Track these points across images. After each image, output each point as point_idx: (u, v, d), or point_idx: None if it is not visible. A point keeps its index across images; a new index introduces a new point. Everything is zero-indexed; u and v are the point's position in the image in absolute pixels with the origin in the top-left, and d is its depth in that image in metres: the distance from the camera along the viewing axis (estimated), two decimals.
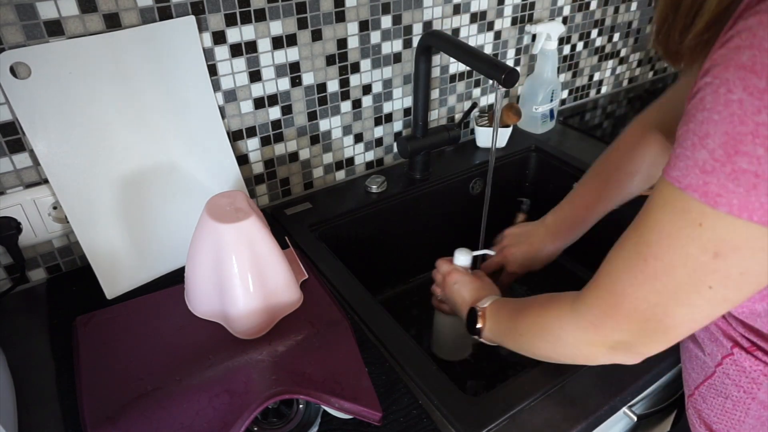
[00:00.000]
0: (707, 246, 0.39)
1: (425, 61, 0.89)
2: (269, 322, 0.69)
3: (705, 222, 0.38)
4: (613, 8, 1.26)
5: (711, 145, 0.36)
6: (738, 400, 0.56)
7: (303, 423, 0.59)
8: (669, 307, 0.43)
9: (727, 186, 0.36)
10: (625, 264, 0.45)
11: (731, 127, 0.35)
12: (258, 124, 0.89)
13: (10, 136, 0.70)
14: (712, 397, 0.58)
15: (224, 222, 0.64)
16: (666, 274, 0.42)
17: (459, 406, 0.61)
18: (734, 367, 0.55)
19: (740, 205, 0.36)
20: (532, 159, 1.15)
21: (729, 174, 0.36)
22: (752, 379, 0.53)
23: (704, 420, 0.60)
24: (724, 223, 0.37)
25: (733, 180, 0.36)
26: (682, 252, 0.40)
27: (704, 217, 0.38)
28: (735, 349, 0.54)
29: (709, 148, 0.36)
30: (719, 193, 0.36)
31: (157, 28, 0.73)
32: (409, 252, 1.06)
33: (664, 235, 0.41)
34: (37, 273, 0.80)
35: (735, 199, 0.36)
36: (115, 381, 0.62)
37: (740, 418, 0.56)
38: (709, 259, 0.39)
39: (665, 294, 0.43)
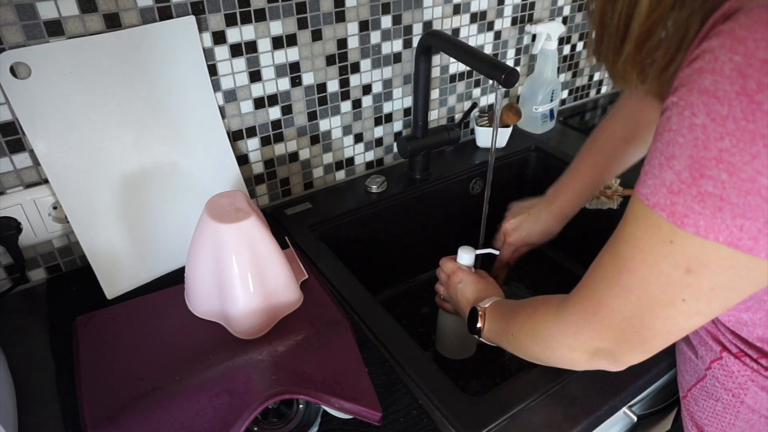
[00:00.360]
0: (679, 262, 0.39)
1: (425, 61, 0.89)
2: (269, 322, 0.69)
3: (675, 240, 0.38)
4: None
5: (677, 167, 0.36)
6: (728, 403, 0.56)
7: (303, 423, 0.59)
8: (645, 319, 0.44)
9: (694, 207, 0.36)
10: (603, 275, 0.46)
11: (695, 152, 0.35)
12: (258, 124, 0.89)
13: (10, 136, 0.70)
14: (704, 400, 0.59)
15: (224, 222, 0.64)
16: (640, 288, 0.42)
17: (459, 406, 0.61)
18: (723, 371, 0.55)
19: (706, 227, 0.36)
20: (532, 159, 1.15)
21: (695, 196, 0.36)
22: (739, 383, 0.54)
23: (696, 422, 0.61)
24: (693, 243, 0.37)
25: (699, 202, 0.36)
26: (654, 267, 0.41)
27: (674, 235, 0.38)
28: (724, 353, 0.54)
29: (675, 169, 0.37)
30: (686, 213, 0.37)
31: (157, 28, 0.73)
32: (409, 252, 1.06)
33: (637, 250, 0.42)
34: (37, 273, 0.80)
35: (701, 220, 0.36)
36: (115, 381, 0.62)
37: (730, 420, 0.56)
38: (681, 274, 0.39)
39: (640, 306, 0.43)
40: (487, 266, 0.88)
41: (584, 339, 0.49)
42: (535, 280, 1.09)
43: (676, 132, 0.36)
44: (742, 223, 0.35)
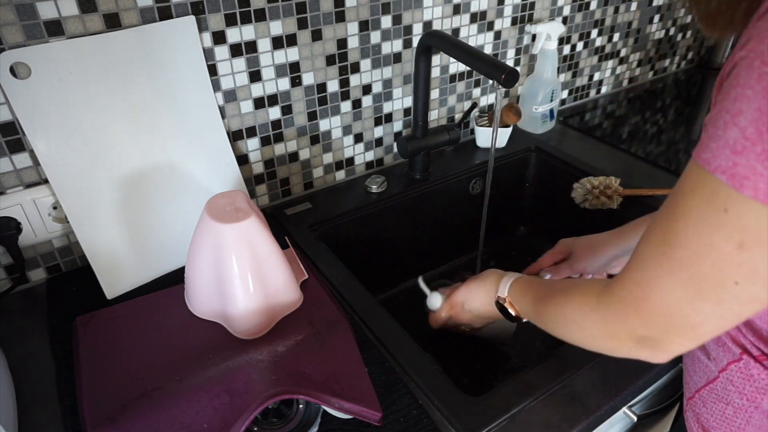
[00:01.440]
0: (732, 235, 0.36)
1: (425, 61, 0.89)
2: (269, 322, 0.69)
3: (730, 208, 0.36)
4: (613, 8, 1.26)
5: (743, 122, 0.34)
6: (739, 407, 0.55)
7: (303, 423, 0.59)
8: (695, 302, 0.41)
9: (756, 168, 0.33)
10: (652, 252, 0.42)
11: (765, 103, 0.33)
12: (258, 124, 0.89)
13: (10, 136, 0.70)
14: (713, 402, 0.58)
15: (224, 222, 0.64)
16: (691, 264, 0.39)
17: (459, 406, 0.61)
18: (740, 374, 0.54)
19: (766, 190, 0.33)
20: (532, 159, 1.15)
21: (759, 154, 0.33)
22: (758, 387, 0.53)
23: (702, 424, 0.60)
24: (749, 210, 0.35)
25: (763, 161, 0.33)
26: (707, 241, 0.38)
27: (730, 202, 0.35)
28: (744, 355, 0.53)
29: (741, 125, 0.34)
30: (746, 175, 0.34)
31: (157, 28, 0.73)
32: (409, 252, 1.06)
33: (690, 221, 0.39)
34: (37, 273, 0.80)
35: (762, 182, 0.33)
36: (115, 381, 0.62)
37: (740, 425, 0.55)
38: (734, 249, 0.36)
39: (691, 286, 0.40)
40: None
41: (631, 326, 0.46)
42: None
43: (744, 86, 0.34)
44: None
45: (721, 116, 0.36)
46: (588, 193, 0.97)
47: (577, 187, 0.98)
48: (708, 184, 0.37)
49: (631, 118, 1.29)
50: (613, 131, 1.22)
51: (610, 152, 1.13)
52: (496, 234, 1.14)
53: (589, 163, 1.07)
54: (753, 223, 0.35)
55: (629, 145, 1.16)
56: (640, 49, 1.40)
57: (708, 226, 0.37)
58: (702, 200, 0.38)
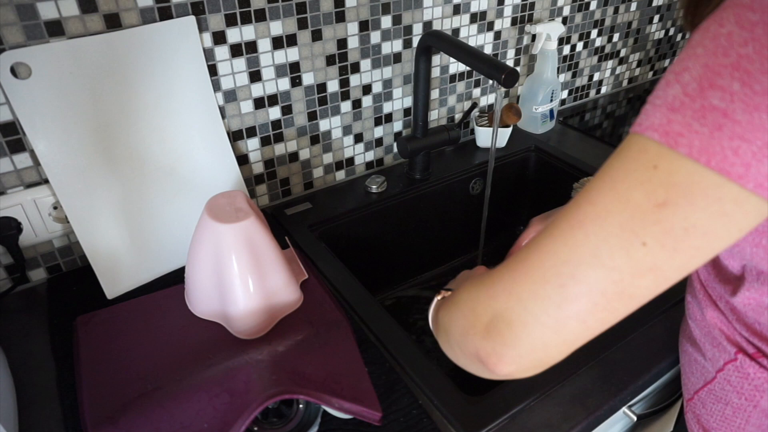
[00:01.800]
0: (656, 191, 0.34)
1: (425, 61, 0.89)
2: (269, 322, 0.69)
3: (661, 164, 0.34)
4: (613, 8, 1.26)
5: (686, 78, 0.33)
6: (738, 407, 0.55)
7: (303, 423, 0.59)
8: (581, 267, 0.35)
9: (692, 125, 0.33)
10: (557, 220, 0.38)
11: (712, 59, 0.32)
12: (258, 124, 0.89)
13: (11, 136, 0.70)
14: (712, 403, 0.58)
15: (224, 222, 0.64)
16: (595, 221, 0.35)
17: (459, 406, 0.61)
18: (737, 373, 0.54)
19: (701, 147, 0.32)
20: (532, 159, 1.15)
21: (697, 110, 0.33)
22: (755, 386, 0.53)
23: (703, 425, 0.60)
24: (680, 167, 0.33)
25: (699, 118, 0.32)
26: (623, 196, 0.35)
27: (661, 158, 0.34)
28: (739, 354, 0.53)
29: (684, 81, 0.33)
30: (681, 132, 0.33)
31: (158, 29, 0.73)
32: (409, 252, 1.06)
33: (607, 179, 0.36)
34: (38, 273, 0.80)
35: (697, 140, 0.32)
36: (115, 381, 0.62)
37: (740, 425, 0.55)
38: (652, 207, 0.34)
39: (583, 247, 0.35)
40: None
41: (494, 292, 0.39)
42: None
43: (695, 45, 0.34)
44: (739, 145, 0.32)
45: (664, 78, 0.35)
46: None
47: (577, 187, 0.98)
48: (637, 143, 0.35)
49: (631, 118, 1.29)
50: (613, 131, 1.22)
51: (610, 152, 1.12)
52: (496, 234, 1.14)
53: (589, 163, 1.07)
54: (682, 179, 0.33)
55: None
56: (639, 49, 1.40)
57: (628, 181, 0.35)
58: (627, 159, 0.35)
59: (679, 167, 0.33)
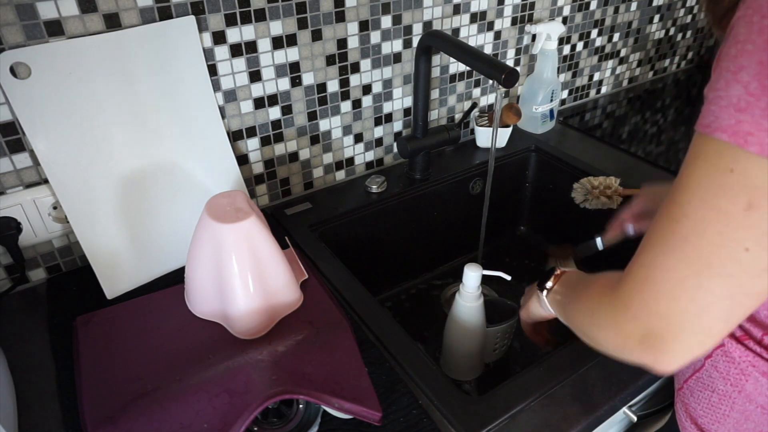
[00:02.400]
0: (739, 195, 0.34)
1: (425, 61, 0.89)
2: (269, 322, 0.69)
3: (736, 167, 0.34)
4: (613, 8, 1.26)
5: (745, 78, 0.33)
6: (724, 393, 0.56)
7: (303, 423, 0.59)
8: (702, 279, 0.37)
9: (761, 123, 0.32)
10: (658, 232, 0.40)
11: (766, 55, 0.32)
12: (258, 124, 0.89)
13: (10, 136, 0.70)
14: (699, 391, 0.58)
15: (224, 222, 0.64)
16: (695, 234, 0.36)
17: (459, 406, 0.61)
18: (724, 358, 0.55)
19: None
20: (532, 159, 1.15)
21: (764, 109, 0.32)
22: (741, 369, 0.53)
23: (690, 414, 0.60)
24: (756, 167, 0.33)
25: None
26: (712, 205, 0.35)
27: (736, 161, 0.34)
28: (726, 338, 0.54)
29: (744, 81, 0.33)
30: (750, 131, 0.33)
31: (157, 28, 0.73)
32: (409, 252, 1.06)
33: (693, 189, 0.36)
34: (37, 273, 0.80)
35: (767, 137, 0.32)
36: (115, 381, 0.62)
37: (725, 411, 0.56)
38: (741, 211, 0.34)
39: (697, 261, 0.37)
40: None
41: (634, 315, 0.42)
42: None
43: (744, 41, 0.33)
44: None
45: (722, 76, 0.35)
46: (588, 193, 0.96)
47: (577, 187, 0.98)
48: (711, 147, 0.35)
49: (631, 118, 1.29)
50: (613, 131, 1.22)
51: (610, 152, 1.13)
52: (496, 234, 1.14)
53: (589, 163, 1.07)
54: (761, 180, 0.33)
55: (629, 145, 1.16)
56: (640, 49, 1.40)
57: (713, 189, 0.35)
58: (705, 164, 0.36)
59: (755, 168, 0.33)
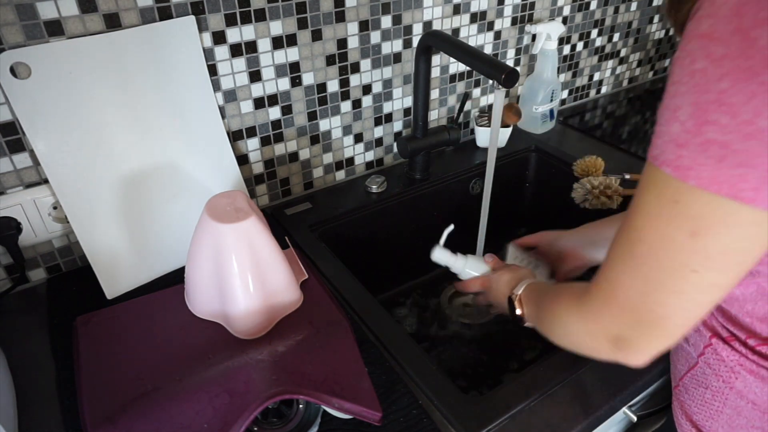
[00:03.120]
0: (683, 224, 0.38)
1: (425, 61, 0.89)
2: (269, 322, 0.69)
3: (680, 198, 0.37)
4: (613, 8, 1.26)
5: (682, 116, 0.36)
6: (717, 390, 0.56)
7: (303, 423, 0.59)
8: (659, 295, 0.42)
9: (698, 158, 0.35)
10: (618, 251, 0.44)
11: (697, 96, 0.35)
12: (258, 124, 0.89)
13: (10, 136, 0.70)
14: (694, 388, 0.59)
15: (224, 222, 0.64)
16: (650, 257, 0.41)
17: (459, 406, 0.61)
18: (714, 356, 0.56)
19: (709, 178, 0.35)
20: (532, 159, 1.15)
21: (699, 145, 0.35)
22: (730, 368, 0.54)
23: (686, 411, 0.61)
24: (696, 198, 0.37)
25: (703, 152, 0.35)
26: (662, 233, 0.39)
27: (679, 193, 0.37)
28: (713, 339, 0.55)
29: (681, 119, 0.36)
30: (690, 166, 0.36)
31: (157, 28, 0.73)
32: (409, 252, 1.06)
33: (646, 217, 0.41)
34: (37, 273, 0.80)
35: (704, 171, 0.35)
36: (115, 381, 0.62)
37: (718, 408, 0.57)
38: (687, 238, 0.38)
39: (652, 280, 0.42)
40: None
41: (604, 324, 0.47)
42: None
43: (678, 82, 0.36)
44: (744, 171, 0.34)
45: (663, 112, 0.38)
46: (588, 193, 0.96)
47: (577, 187, 0.98)
48: (659, 178, 0.39)
49: (631, 118, 1.29)
50: (613, 131, 1.22)
51: (610, 152, 1.13)
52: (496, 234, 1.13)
53: None
54: (701, 210, 0.37)
55: (629, 145, 1.16)
56: (640, 49, 1.40)
57: (662, 218, 0.39)
58: (654, 194, 0.40)
59: (696, 199, 0.37)
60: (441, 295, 1.05)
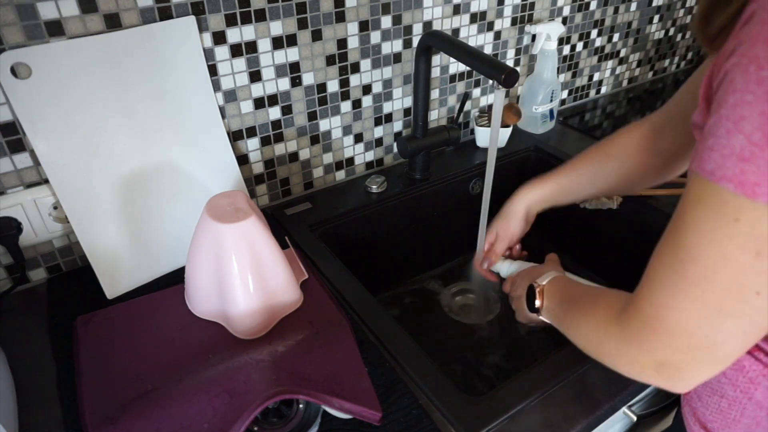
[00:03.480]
0: (747, 244, 0.35)
1: (425, 61, 0.89)
2: (269, 322, 0.69)
3: (742, 216, 0.35)
4: (613, 8, 1.26)
5: (747, 128, 0.34)
6: (734, 399, 0.55)
7: (303, 423, 0.59)
8: (714, 319, 0.39)
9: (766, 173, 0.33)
10: (665, 271, 0.41)
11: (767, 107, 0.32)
12: (258, 124, 0.89)
13: (11, 136, 0.70)
14: (708, 396, 0.58)
15: (224, 222, 0.64)
16: (706, 279, 0.38)
17: (459, 406, 0.61)
18: (733, 366, 0.54)
19: None
20: (532, 159, 1.15)
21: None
22: (750, 378, 0.53)
23: (699, 418, 0.60)
24: (763, 217, 0.34)
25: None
26: (720, 253, 0.37)
27: (741, 211, 0.35)
28: None
29: (746, 132, 0.34)
30: (757, 182, 0.33)
31: (158, 29, 0.73)
32: (409, 252, 1.06)
33: (699, 235, 0.38)
34: (38, 273, 0.80)
35: None
36: (115, 381, 0.62)
37: (735, 417, 0.56)
38: (751, 259, 0.35)
39: (708, 303, 0.39)
40: None
41: (649, 349, 0.44)
42: None
43: (743, 91, 0.34)
44: None
45: (721, 124, 0.35)
46: None
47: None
48: (715, 195, 0.36)
49: (631, 118, 1.29)
50: (613, 131, 1.22)
51: None
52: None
53: None
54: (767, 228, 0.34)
55: None
56: (639, 49, 1.40)
57: (719, 237, 0.37)
58: (710, 211, 0.37)
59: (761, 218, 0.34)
60: (441, 295, 1.05)
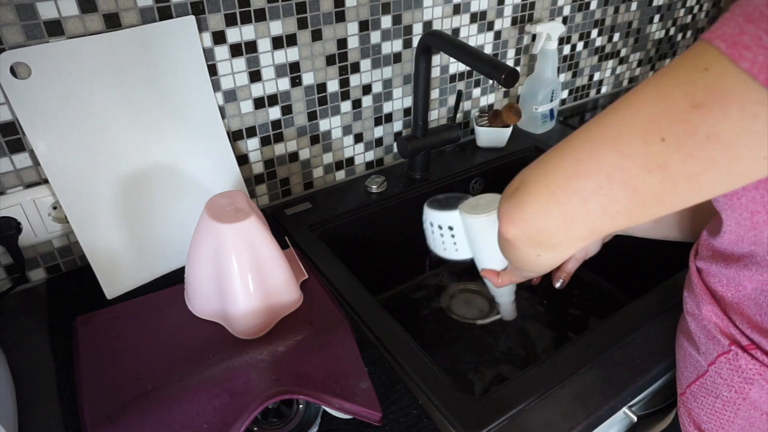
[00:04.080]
0: (696, 93, 0.33)
1: (425, 61, 0.89)
2: (269, 322, 0.69)
3: (713, 67, 0.33)
4: (613, 8, 1.26)
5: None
6: (728, 400, 0.55)
7: (303, 423, 0.59)
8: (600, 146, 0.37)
9: (762, 40, 0.31)
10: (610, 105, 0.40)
11: None
12: (258, 124, 0.89)
13: (10, 136, 0.70)
14: (703, 396, 0.58)
15: (224, 222, 0.64)
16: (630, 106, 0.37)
17: (459, 406, 0.61)
18: (728, 365, 0.54)
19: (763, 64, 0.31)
20: (532, 159, 1.14)
21: None
22: (745, 378, 0.53)
23: (694, 419, 0.60)
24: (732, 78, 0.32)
25: None
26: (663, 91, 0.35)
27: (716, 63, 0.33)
28: (733, 346, 0.53)
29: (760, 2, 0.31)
30: (749, 45, 0.31)
31: (157, 28, 0.73)
32: (409, 252, 1.06)
33: (658, 75, 0.36)
34: (37, 273, 0.80)
35: (762, 55, 0.31)
36: (115, 381, 0.62)
37: (729, 418, 0.56)
38: (686, 106, 0.34)
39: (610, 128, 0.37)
40: None
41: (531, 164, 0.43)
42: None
43: None
44: None
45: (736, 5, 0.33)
46: None
47: None
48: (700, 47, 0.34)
49: None
50: None
51: None
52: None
53: None
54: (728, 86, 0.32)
55: None
56: (640, 49, 1.40)
57: (676, 78, 0.35)
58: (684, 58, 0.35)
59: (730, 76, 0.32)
60: (441, 295, 1.05)
